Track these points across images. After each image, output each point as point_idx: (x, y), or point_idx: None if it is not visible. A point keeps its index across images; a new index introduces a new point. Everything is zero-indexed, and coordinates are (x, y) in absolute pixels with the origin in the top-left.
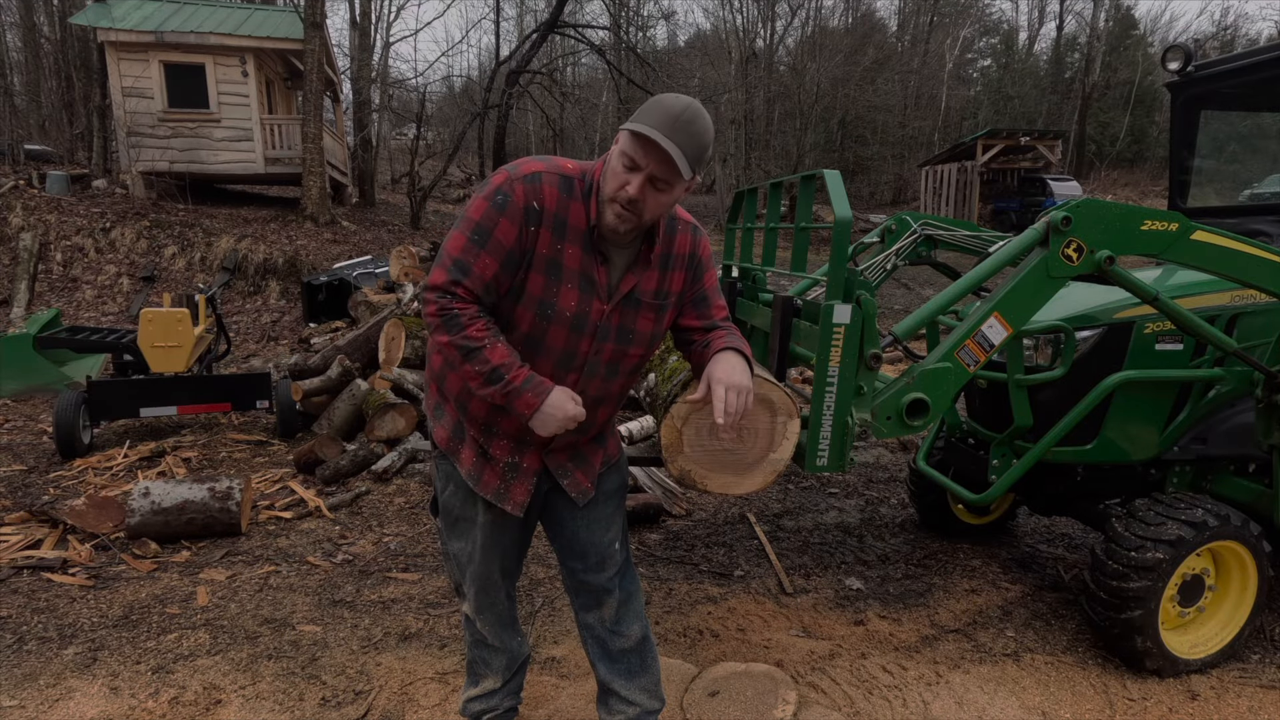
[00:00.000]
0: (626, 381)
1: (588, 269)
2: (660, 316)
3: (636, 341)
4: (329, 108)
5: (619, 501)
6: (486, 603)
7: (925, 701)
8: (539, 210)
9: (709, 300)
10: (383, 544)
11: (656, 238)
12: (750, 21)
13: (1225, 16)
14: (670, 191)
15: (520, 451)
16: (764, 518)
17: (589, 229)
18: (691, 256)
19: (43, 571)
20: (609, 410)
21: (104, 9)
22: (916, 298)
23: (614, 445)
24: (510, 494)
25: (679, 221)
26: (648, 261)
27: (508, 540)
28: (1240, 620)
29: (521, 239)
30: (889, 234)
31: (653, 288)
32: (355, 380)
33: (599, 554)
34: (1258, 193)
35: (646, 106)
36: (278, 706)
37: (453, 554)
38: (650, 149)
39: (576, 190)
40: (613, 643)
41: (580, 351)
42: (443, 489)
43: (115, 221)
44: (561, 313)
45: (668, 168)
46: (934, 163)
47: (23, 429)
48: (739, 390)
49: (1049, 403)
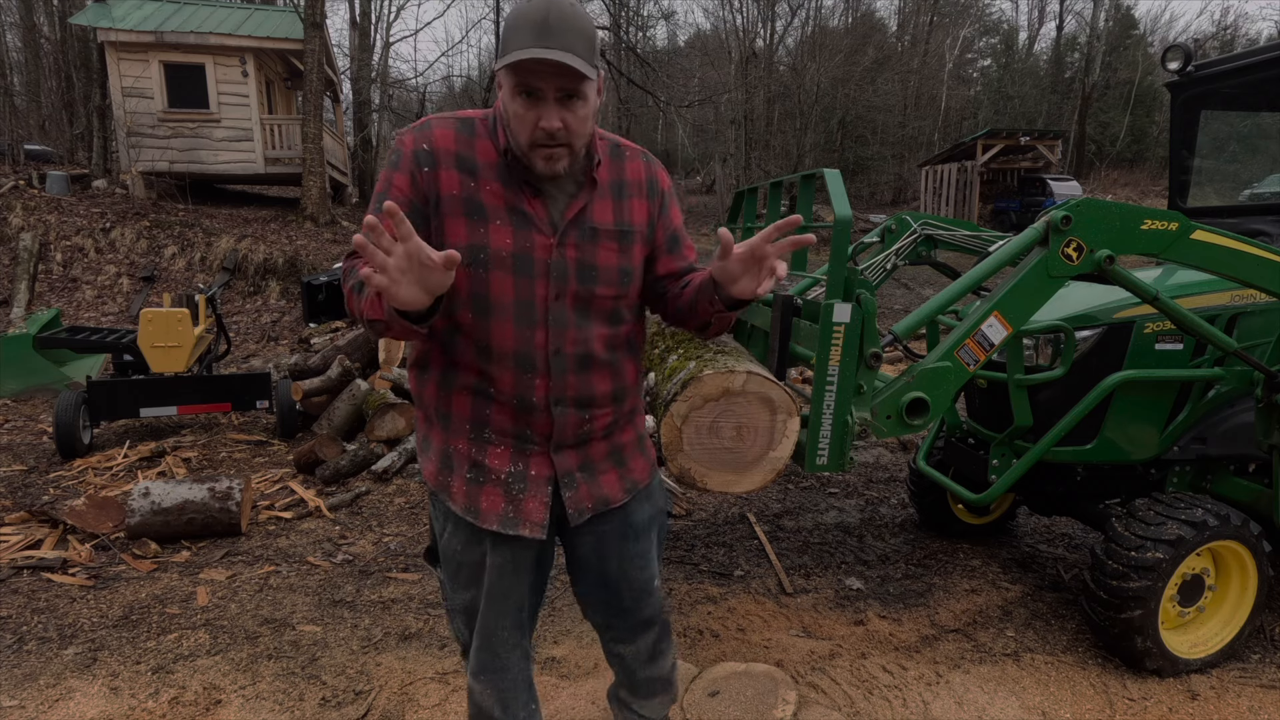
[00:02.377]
0: (611, 335)
1: (514, 202)
2: (625, 249)
3: (603, 280)
4: (329, 108)
5: (655, 534)
6: (492, 664)
7: (925, 701)
8: (430, 151)
9: (682, 240)
10: (383, 544)
11: (596, 156)
12: (750, 21)
13: (1225, 16)
14: (585, 99)
15: (523, 456)
16: (764, 517)
17: (502, 160)
18: (650, 184)
19: (43, 571)
20: (607, 381)
21: (104, 9)
22: (916, 298)
23: (640, 467)
24: (523, 513)
25: (625, 149)
26: (593, 184)
27: (523, 587)
28: (1240, 620)
29: (416, 184)
30: (889, 234)
31: (609, 217)
32: (355, 380)
33: (635, 593)
34: (1258, 193)
35: (506, 33)
36: (278, 706)
37: (459, 608)
38: (540, 69)
39: (479, 129)
40: (642, 672)
41: (538, 298)
42: (440, 531)
43: (115, 221)
44: (497, 253)
45: (569, 76)
46: (934, 163)
47: (23, 429)
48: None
49: (1049, 402)
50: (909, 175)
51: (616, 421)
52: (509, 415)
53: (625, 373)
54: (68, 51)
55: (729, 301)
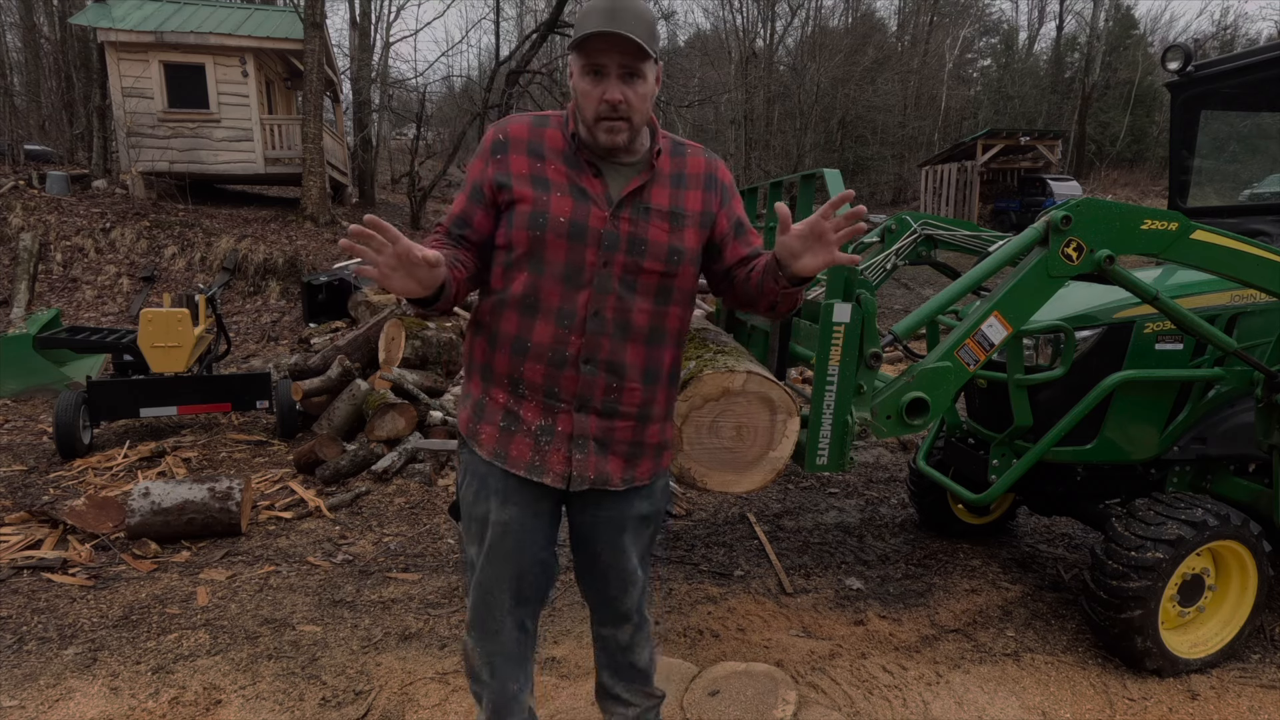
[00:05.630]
0: (655, 311)
1: (576, 180)
2: (677, 230)
3: (651, 254)
4: (329, 108)
5: (648, 529)
6: (484, 624)
7: (925, 701)
8: (504, 140)
9: (746, 228)
10: (383, 544)
11: (657, 145)
12: (750, 21)
13: (1225, 16)
14: (645, 79)
15: (552, 413)
16: (764, 517)
17: (569, 147)
18: (709, 177)
19: (43, 571)
20: (640, 354)
21: (104, 9)
22: (916, 298)
23: (646, 469)
24: (548, 463)
25: (687, 146)
26: (651, 169)
27: (524, 556)
28: (1240, 620)
29: (486, 169)
30: (889, 234)
31: (665, 201)
32: (355, 380)
33: (621, 582)
34: (1258, 193)
35: (578, 23)
36: (278, 706)
37: (468, 562)
38: (607, 44)
39: (552, 122)
40: (622, 658)
41: (587, 263)
42: (461, 481)
43: (115, 222)
44: (555, 219)
45: (631, 55)
46: (934, 163)
47: (23, 429)
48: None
49: (1049, 402)
50: (909, 175)
51: (647, 406)
52: (541, 371)
53: (662, 354)
54: (68, 51)
55: (793, 279)
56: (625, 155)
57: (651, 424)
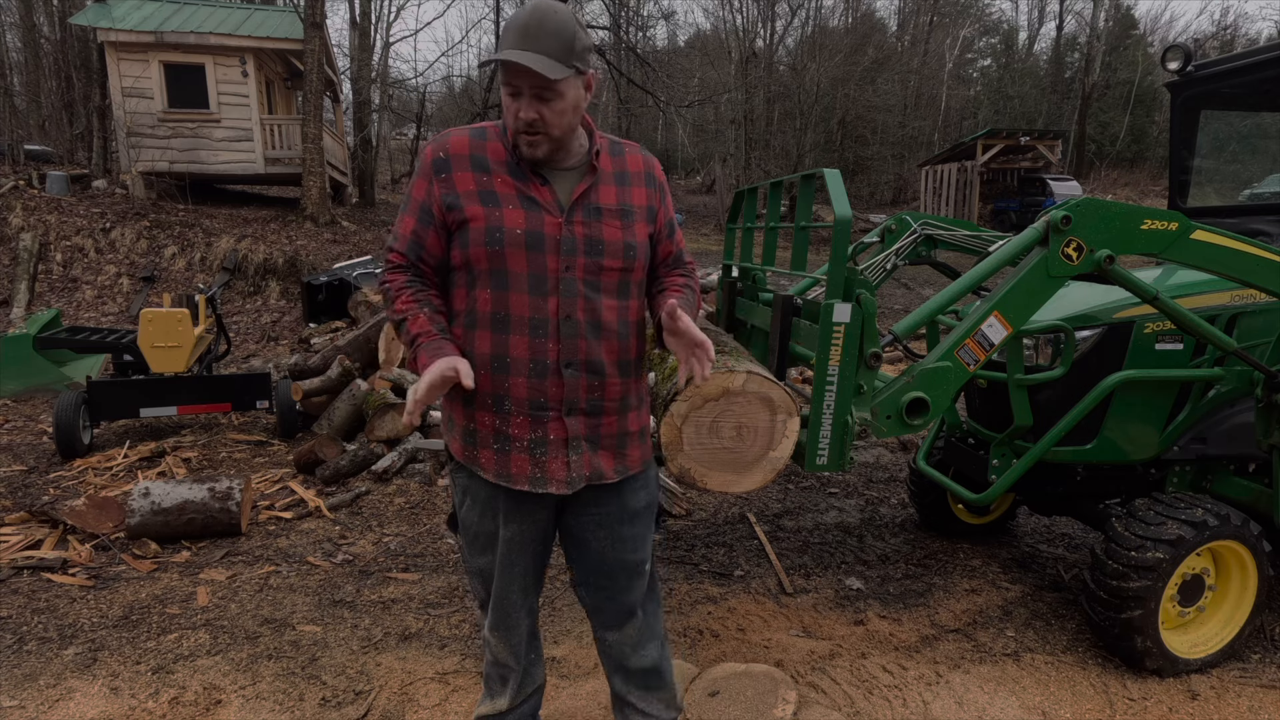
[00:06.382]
0: (620, 307)
1: (525, 190)
2: (628, 226)
3: (609, 253)
4: (329, 108)
5: (647, 520)
6: (504, 623)
7: (925, 701)
8: (445, 158)
9: (675, 227)
10: (383, 544)
11: (595, 147)
12: (750, 21)
13: (1225, 16)
14: (562, 97)
15: (541, 424)
16: (764, 518)
17: (511, 158)
18: (649, 175)
19: (43, 572)
20: (614, 350)
21: (104, 9)
22: (916, 298)
23: (635, 456)
24: (549, 473)
25: (624, 145)
26: (594, 170)
27: (527, 558)
28: (1240, 620)
29: (432, 189)
30: (889, 234)
31: (613, 199)
32: (355, 380)
33: (628, 575)
34: (1258, 193)
35: (502, 34)
36: (278, 706)
37: (475, 571)
38: (514, 70)
39: (491, 134)
40: (632, 661)
41: (549, 270)
42: (460, 503)
43: (115, 222)
44: (511, 231)
45: (538, 79)
46: (934, 163)
47: (23, 429)
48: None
49: (1049, 402)
50: (909, 175)
51: (626, 398)
52: (524, 384)
53: (629, 345)
54: (68, 51)
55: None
56: (564, 160)
57: (630, 412)
